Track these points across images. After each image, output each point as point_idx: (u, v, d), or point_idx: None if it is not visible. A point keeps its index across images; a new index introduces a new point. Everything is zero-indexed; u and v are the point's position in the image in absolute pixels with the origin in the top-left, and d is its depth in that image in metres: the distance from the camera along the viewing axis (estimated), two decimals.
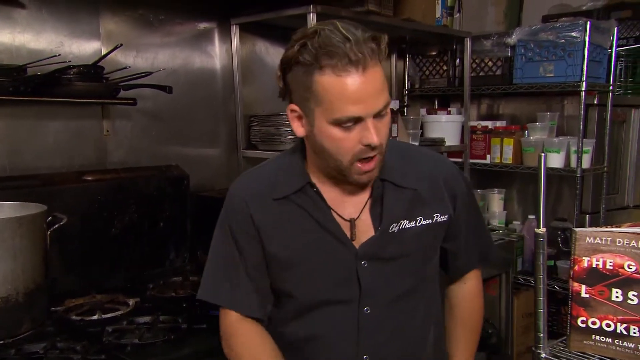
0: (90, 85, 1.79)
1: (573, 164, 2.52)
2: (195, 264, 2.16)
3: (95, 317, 1.65)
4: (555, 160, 2.54)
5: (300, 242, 1.13)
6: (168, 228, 2.04)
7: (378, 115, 1.01)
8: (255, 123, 2.42)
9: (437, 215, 1.17)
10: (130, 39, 2.05)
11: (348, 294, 1.13)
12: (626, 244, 1.11)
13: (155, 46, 2.13)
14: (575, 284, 1.15)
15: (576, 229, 1.13)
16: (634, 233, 1.11)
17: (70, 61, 1.79)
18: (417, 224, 1.15)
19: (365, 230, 1.14)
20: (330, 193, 1.13)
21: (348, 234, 1.13)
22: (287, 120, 2.26)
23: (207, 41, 2.31)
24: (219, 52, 2.35)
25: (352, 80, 0.97)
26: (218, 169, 2.39)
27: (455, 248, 1.27)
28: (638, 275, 1.11)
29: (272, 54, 2.54)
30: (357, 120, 1.00)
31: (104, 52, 1.95)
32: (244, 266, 1.16)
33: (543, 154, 1.08)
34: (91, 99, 1.85)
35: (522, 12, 3.55)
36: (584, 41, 2.39)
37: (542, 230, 1.13)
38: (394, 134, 2.52)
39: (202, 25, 2.29)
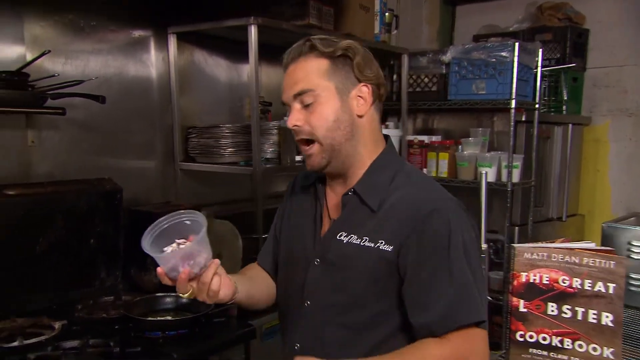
0: (14, 93, 1.66)
1: (504, 178, 2.62)
2: (128, 282, 2.04)
3: (15, 343, 1.51)
4: (488, 175, 2.61)
5: (294, 225, 1.31)
6: (99, 245, 1.92)
7: (301, 103, 1.17)
8: (194, 135, 2.34)
9: (381, 243, 1.13)
10: (59, 45, 1.92)
11: (299, 282, 1.23)
12: (560, 259, 1.15)
13: (86, 53, 2.01)
14: (514, 299, 1.17)
15: (515, 245, 1.15)
16: (567, 249, 1.15)
17: None
18: (361, 243, 1.15)
19: None
20: (330, 194, 1.27)
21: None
22: (227, 133, 2.25)
23: (142, 49, 2.21)
24: (155, 61, 2.26)
25: (283, 77, 1.23)
26: (153, 182, 2.29)
27: (408, 293, 1.11)
28: (571, 289, 1.14)
29: (211, 64, 2.48)
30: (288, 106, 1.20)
31: (29, 58, 1.82)
32: (273, 232, 1.41)
33: (484, 172, 1.10)
34: (14, 107, 1.71)
35: (454, 32, 3.68)
36: (513, 61, 2.49)
37: (483, 246, 1.14)
38: None
39: (138, 33, 2.19)
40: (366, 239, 1.15)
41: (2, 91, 1.62)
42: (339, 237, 1.18)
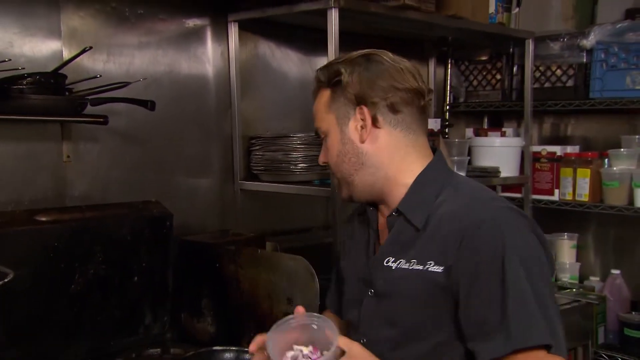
0: (49, 100, 1.75)
1: None
2: (177, 330, 2.10)
3: None
4: None
5: (349, 256, 1.50)
6: (144, 283, 1.98)
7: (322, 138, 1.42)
8: (257, 147, 2.38)
9: (430, 264, 1.26)
10: (100, 39, 2.03)
11: (355, 317, 1.40)
12: None
13: (131, 48, 2.11)
14: None
15: None
16: None
17: (23, 68, 1.75)
18: (410, 267, 1.30)
19: None
20: (380, 218, 1.43)
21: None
22: (299, 144, 2.27)
23: (197, 42, 2.29)
24: (213, 56, 2.33)
25: None
26: (209, 206, 2.36)
27: (463, 316, 1.22)
28: None
29: (280, 58, 2.53)
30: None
31: (65, 54, 1.94)
32: (336, 270, 1.61)
33: None
34: (49, 116, 1.81)
35: (597, 6, 3.53)
36: None
37: None
38: None
39: (192, 22, 2.28)
40: (414, 262, 1.29)
41: (36, 97, 1.71)
42: (387, 263, 1.34)
